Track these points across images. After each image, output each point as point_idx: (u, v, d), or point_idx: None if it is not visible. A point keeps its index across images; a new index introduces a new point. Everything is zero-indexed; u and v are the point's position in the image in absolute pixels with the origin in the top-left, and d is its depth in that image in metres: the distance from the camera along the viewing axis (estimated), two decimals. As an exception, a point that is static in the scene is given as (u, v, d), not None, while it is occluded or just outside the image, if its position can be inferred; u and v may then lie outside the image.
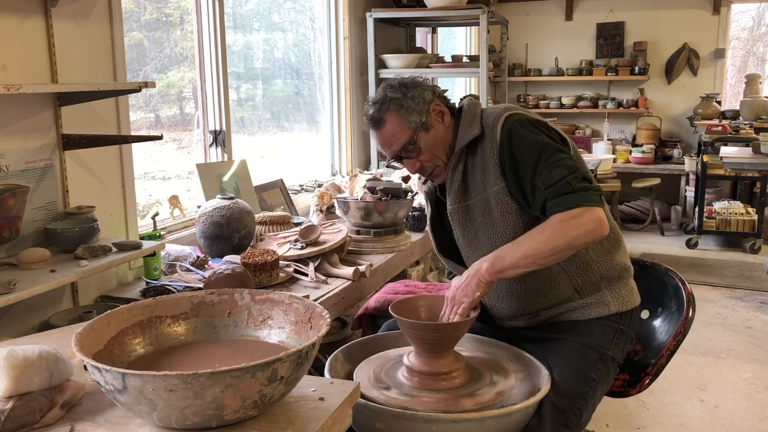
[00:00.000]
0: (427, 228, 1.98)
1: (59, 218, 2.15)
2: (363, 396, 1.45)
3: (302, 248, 2.43)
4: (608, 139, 6.72)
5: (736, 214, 5.51)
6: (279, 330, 1.32)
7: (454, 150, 1.75)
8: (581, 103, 6.80)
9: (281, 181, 3.41)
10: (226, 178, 2.92)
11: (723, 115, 6.33)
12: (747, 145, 5.21)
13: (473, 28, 6.27)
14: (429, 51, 5.31)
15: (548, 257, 1.55)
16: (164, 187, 3.10)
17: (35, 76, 2.07)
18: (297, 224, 2.86)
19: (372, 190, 2.79)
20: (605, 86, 6.89)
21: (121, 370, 1.01)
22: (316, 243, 2.45)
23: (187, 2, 3.01)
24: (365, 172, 3.89)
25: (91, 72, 2.26)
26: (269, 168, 3.68)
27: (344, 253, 2.56)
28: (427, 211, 1.97)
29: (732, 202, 5.69)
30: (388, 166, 1.82)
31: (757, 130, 5.78)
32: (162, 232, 2.61)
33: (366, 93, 4.30)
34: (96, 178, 2.33)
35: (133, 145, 2.45)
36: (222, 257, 2.39)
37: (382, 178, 3.43)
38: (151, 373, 1.00)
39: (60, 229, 2.06)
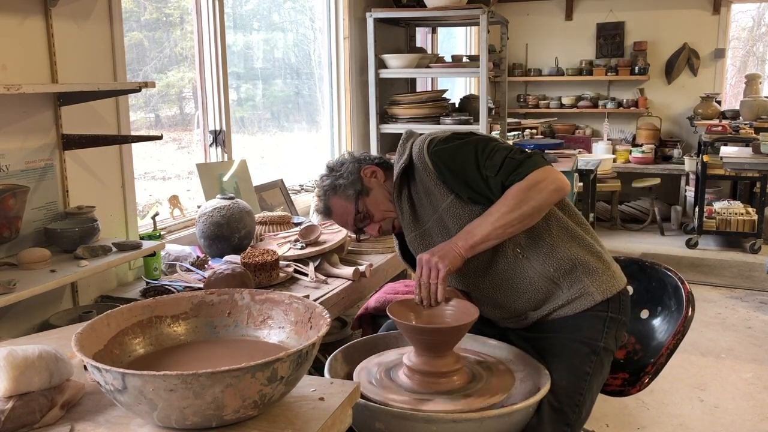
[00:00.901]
0: (399, 258, 2.03)
1: (59, 218, 2.15)
2: (363, 396, 1.45)
3: (302, 248, 2.43)
4: (608, 139, 6.72)
5: (736, 214, 5.51)
6: (279, 330, 1.32)
7: (392, 203, 1.82)
8: (581, 103, 6.80)
9: (281, 181, 3.41)
10: (226, 178, 2.92)
11: (723, 115, 6.33)
12: (747, 145, 5.21)
13: (473, 28, 6.26)
14: (429, 51, 5.30)
15: (517, 224, 1.59)
16: (164, 187, 3.10)
17: (35, 76, 2.07)
18: (297, 224, 2.87)
19: (372, 190, 2.79)
20: (605, 86, 6.89)
21: (121, 370, 1.01)
22: (316, 243, 2.45)
23: (187, 2, 3.01)
24: (365, 172, 3.88)
25: (91, 72, 2.26)
26: (269, 168, 3.68)
27: (344, 253, 2.56)
28: (396, 247, 2.02)
29: (732, 202, 5.69)
30: (358, 241, 2.05)
31: (757, 130, 5.78)
32: (162, 232, 2.61)
33: (366, 93, 4.30)
34: (96, 178, 2.33)
35: (133, 145, 2.45)
36: (222, 257, 2.39)
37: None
38: (151, 373, 1.00)
39: (60, 229, 2.06)
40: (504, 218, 1.58)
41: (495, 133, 5.43)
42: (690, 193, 6.16)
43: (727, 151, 5.17)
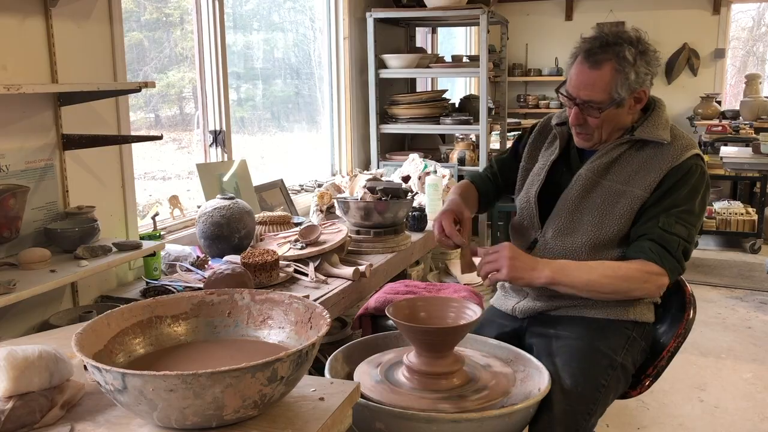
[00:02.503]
0: (537, 170, 1.87)
1: (59, 218, 2.15)
2: (363, 396, 1.45)
3: (302, 248, 2.43)
4: (608, 139, 6.72)
5: (736, 214, 5.51)
6: (279, 330, 1.32)
7: (620, 130, 1.73)
8: (581, 103, 6.80)
9: (281, 181, 3.41)
10: (226, 178, 2.92)
11: (723, 115, 6.33)
12: (747, 145, 5.21)
13: (473, 28, 6.27)
14: (429, 51, 5.30)
15: (604, 294, 1.64)
16: (164, 187, 3.10)
17: (35, 76, 2.07)
18: (297, 224, 2.86)
19: (372, 190, 2.79)
20: (605, 86, 6.88)
21: (121, 370, 1.01)
22: (316, 243, 2.45)
23: (187, 2, 3.00)
24: (365, 172, 3.89)
25: (91, 72, 2.26)
26: (269, 168, 3.68)
27: (344, 253, 2.56)
28: (536, 156, 1.89)
29: (732, 202, 5.69)
30: (557, 90, 1.81)
31: (757, 130, 5.78)
32: (162, 232, 2.61)
33: (366, 93, 4.30)
34: (96, 178, 2.33)
35: (133, 145, 2.45)
36: (222, 257, 2.39)
37: (382, 178, 3.43)
38: (151, 373, 1.00)
39: (60, 229, 2.05)
40: (600, 283, 1.61)
41: (495, 134, 5.43)
42: (690, 193, 6.15)
43: (727, 151, 5.16)
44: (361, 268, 2.36)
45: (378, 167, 4.27)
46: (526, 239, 1.84)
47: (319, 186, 3.64)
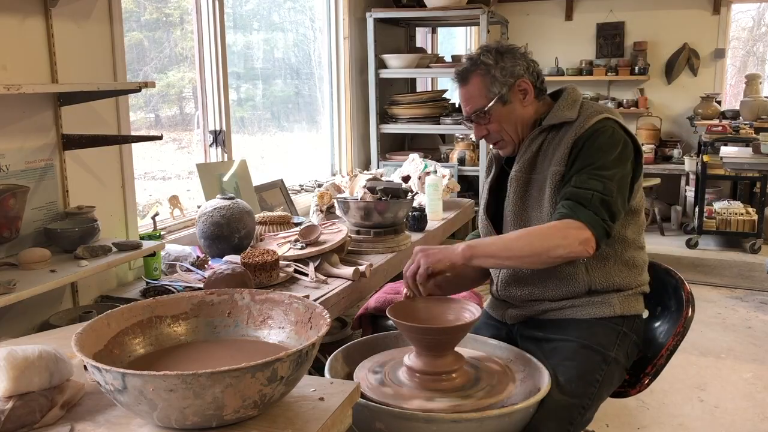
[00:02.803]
0: (482, 190, 1.99)
1: (59, 218, 2.15)
2: (363, 396, 1.45)
3: (302, 248, 2.43)
4: (608, 139, 6.71)
5: (736, 214, 5.51)
6: (279, 330, 1.32)
7: (527, 126, 1.79)
8: (581, 103, 6.80)
9: (281, 181, 3.41)
10: (226, 178, 2.92)
11: (723, 115, 6.33)
12: (747, 145, 5.21)
13: (473, 28, 6.26)
14: (429, 51, 5.30)
15: (527, 257, 1.60)
16: (164, 187, 3.10)
17: (35, 76, 2.07)
18: (297, 224, 2.86)
19: (372, 190, 2.79)
20: (605, 86, 6.89)
21: (121, 370, 1.01)
22: (316, 243, 2.45)
23: (187, 2, 3.01)
24: (365, 172, 3.89)
25: (91, 72, 2.26)
26: (269, 168, 3.68)
27: (344, 253, 2.56)
28: (484, 175, 2.00)
29: (732, 202, 5.69)
30: (460, 122, 1.88)
31: (757, 130, 5.77)
32: (162, 232, 2.61)
33: (366, 93, 4.30)
34: (96, 178, 2.33)
35: (133, 145, 2.45)
36: (222, 257, 2.39)
37: (382, 178, 3.43)
38: (151, 373, 1.00)
39: (60, 229, 2.06)
40: (517, 245, 1.59)
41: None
42: (690, 193, 6.16)
43: (727, 151, 5.16)
44: (361, 268, 2.36)
45: (378, 167, 4.27)
46: None
47: (319, 186, 3.64)
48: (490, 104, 1.75)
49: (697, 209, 5.62)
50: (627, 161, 1.69)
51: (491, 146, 1.91)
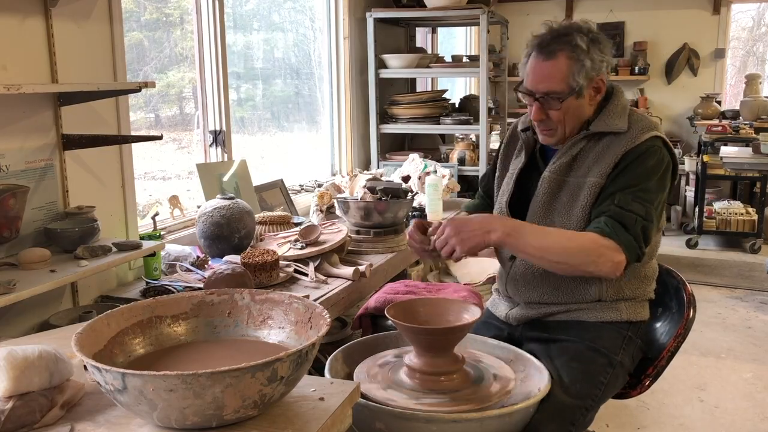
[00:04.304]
0: (503, 177, 1.89)
1: (59, 218, 2.15)
2: (363, 396, 1.45)
3: (302, 248, 2.43)
4: (608, 139, 6.71)
5: (736, 214, 5.51)
6: (279, 330, 1.32)
7: (582, 124, 1.71)
8: (581, 103, 6.80)
9: (281, 181, 3.41)
10: (226, 178, 2.92)
11: (723, 115, 6.33)
12: (747, 145, 5.21)
13: (473, 28, 6.26)
14: (429, 51, 5.30)
15: (556, 263, 1.57)
16: (164, 187, 3.10)
17: (35, 76, 2.07)
18: (297, 224, 2.86)
19: (372, 190, 2.79)
20: (605, 86, 6.88)
21: (121, 370, 1.01)
22: (316, 243, 2.45)
23: (187, 2, 3.01)
24: (365, 172, 3.88)
25: (91, 72, 2.26)
26: (269, 168, 3.68)
27: (344, 253, 2.56)
28: (508, 164, 1.88)
29: (732, 202, 5.69)
30: (515, 89, 1.75)
31: (757, 130, 5.77)
32: (162, 232, 2.61)
33: (366, 93, 4.30)
34: (96, 178, 2.33)
35: (133, 145, 2.45)
36: (222, 257, 2.39)
37: (382, 178, 3.43)
38: (151, 373, 1.00)
39: (60, 229, 2.05)
40: (554, 248, 1.56)
41: (495, 134, 5.43)
42: (690, 193, 6.16)
43: (727, 151, 5.16)
44: (361, 268, 2.36)
45: (378, 167, 4.27)
46: (505, 250, 1.82)
47: (319, 186, 3.64)
48: (568, 94, 1.63)
49: (697, 209, 5.62)
50: (667, 185, 1.67)
51: (521, 127, 1.83)
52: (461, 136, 4.70)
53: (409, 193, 2.88)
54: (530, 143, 1.83)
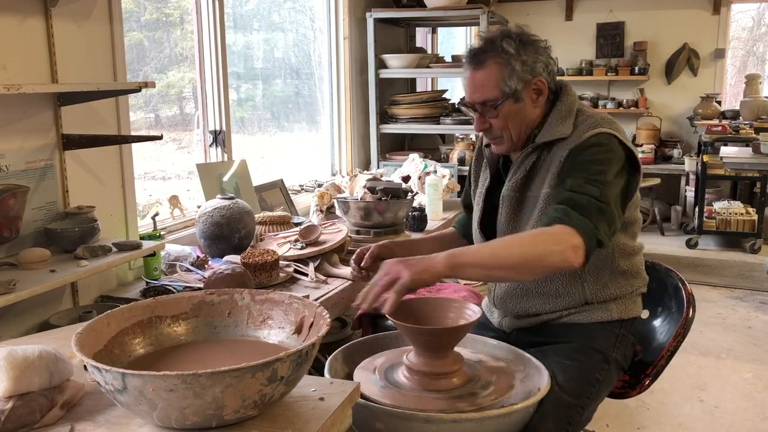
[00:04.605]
0: (475, 194, 1.85)
1: (59, 218, 2.15)
2: (363, 396, 1.45)
3: (302, 248, 2.43)
4: (608, 139, 6.71)
5: (736, 214, 5.51)
6: (279, 330, 1.32)
7: (531, 128, 1.67)
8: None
9: (281, 181, 3.41)
10: (226, 178, 2.92)
11: (723, 115, 6.33)
12: (747, 145, 5.21)
13: (473, 28, 6.26)
14: (429, 51, 5.31)
15: (517, 267, 1.44)
16: (164, 187, 3.10)
17: (35, 76, 2.07)
18: (297, 224, 2.86)
19: (372, 190, 2.79)
20: (605, 86, 6.89)
21: (121, 370, 1.01)
22: (316, 243, 2.45)
23: (187, 2, 3.01)
24: (365, 172, 3.89)
25: (91, 72, 2.26)
26: (269, 168, 3.68)
27: (344, 253, 2.56)
28: (478, 179, 1.85)
29: (732, 202, 5.69)
30: (457, 105, 1.72)
31: (757, 130, 5.78)
32: (162, 232, 2.61)
33: (366, 93, 4.30)
34: (96, 178, 2.33)
35: (133, 145, 2.45)
36: (222, 257, 2.39)
37: (382, 178, 3.43)
38: (151, 373, 1.00)
39: (60, 229, 2.06)
40: (506, 252, 1.45)
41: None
42: (690, 193, 6.16)
43: (727, 151, 5.16)
44: (361, 268, 2.36)
45: (378, 167, 4.27)
46: None
47: (319, 186, 3.64)
48: (503, 99, 1.61)
49: (697, 209, 5.62)
50: (627, 178, 1.59)
51: (485, 142, 1.78)
52: (461, 136, 4.70)
53: (409, 193, 2.88)
54: (493, 159, 1.80)
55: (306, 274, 2.31)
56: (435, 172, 3.57)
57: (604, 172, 1.53)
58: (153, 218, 2.57)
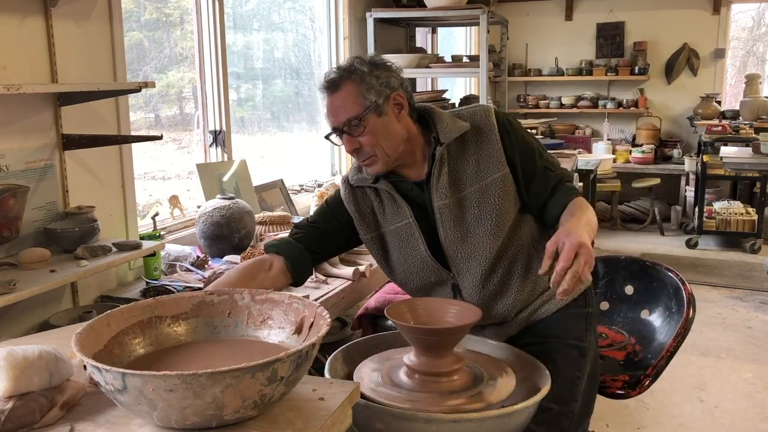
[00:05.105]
0: (384, 231, 1.77)
1: (59, 218, 2.15)
2: (363, 396, 1.44)
3: (302, 248, 2.43)
4: (608, 139, 6.72)
5: (736, 214, 5.52)
6: (279, 330, 1.32)
7: (401, 144, 1.66)
8: (581, 103, 6.80)
9: (281, 181, 3.41)
10: (226, 178, 2.92)
11: (723, 115, 6.33)
12: (747, 145, 5.21)
13: (473, 28, 6.26)
14: (429, 51, 5.30)
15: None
16: (164, 187, 3.10)
17: (35, 76, 2.07)
18: (297, 224, 2.86)
19: (372, 190, 2.79)
20: (605, 86, 6.89)
21: (121, 370, 1.01)
22: (316, 243, 2.45)
23: (187, 2, 3.01)
24: (365, 172, 3.88)
25: (91, 72, 2.26)
26: (269, 168, 3.68)
27: (344, 253, 2.56)
28: (377, 215, 1.77)
29: (732, 202, 5.69)
30: (326, 137, 1.72)
31: (757, 130, 5.78)
32: (162, 232, 2.62)
33: (366, 93, 4.30)
34: (96, 178, 2.33)
35: (133, 145, 2.46)
36: (222, 257, 2.39)
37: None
38: (151, 373, 1.00)
39: (60, 229, 2.06)
40: (593, 224, 1.56)
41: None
42: (690, 193, 6.16)
43: (727, 151, 5.17)
44: (361, 268, 2.36)
45: (378, 167, 4.26)
46: (443, 291, 1.77)
47: (319, 186, 3.64)
48: (366, 112, 1.62)
49: (697, 209, 5.62)
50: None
51: (360, 165, 1.73)
52: (461, 136, 4.69)
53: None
54: (396, 190, 1.73)
55: (306, 274, 2.31)
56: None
57: (536, 139, 1.75)
58: (153, 218, 2.57)
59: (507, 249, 1.71)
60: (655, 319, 1.97)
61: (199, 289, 2.03)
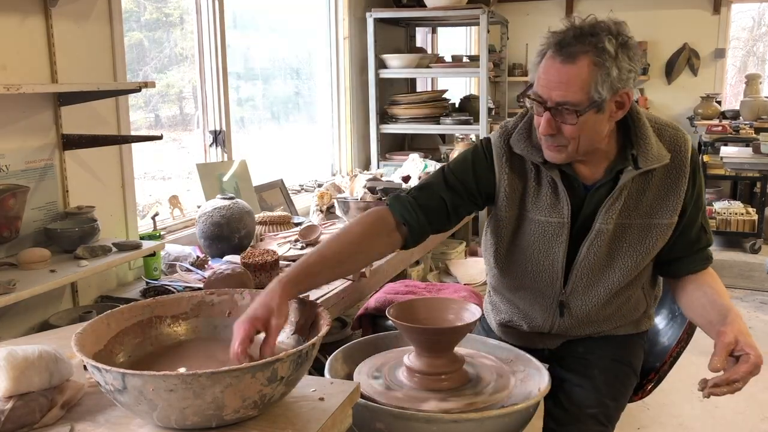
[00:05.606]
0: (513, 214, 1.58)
1: (59, 218, 2.15)
2: (363, 396, 1.45)
3: (302, 248, 2.43)
4: (608, 139, 6.72)
5: (736, 214, 5.51)
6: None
7: (597, 143, 1.46)
8: (581, 103, 6.80)
9: (281, 181, 3.41)
10: (226, 178, 2.92)
11: (723, 115, 6.33)
12: (747, 145, 5.21)
13: (473, 28, 6.26)
14: (429, 51, 5.30)
15: None
16: (164, 187, 3.10)
17: (35, 76, 2.07)
18: (297, 224, 2.86)
19: (372, 190, 2.79)
20: (605, 86, 6.88)
21: (121, 370, 1.01)
22: (316, 243, 2.45)
23: (187, 2, 3.00)
24: (365, 172, 3.89)
25: (91, 72, 2.26)
26: (269, 168, 3.68)
27: (344, 253, 2.56)
28: (527, 199, 1.56)
29: (732, 202, 5.69)
30: (523, 94, 1.52)
31: (757, 130, 5.77)
32: (162, 232, 2.61)
33: (366, 93, 4.30)
34: (96, 178, 2.33)
35: (133, 145, 2.45)
36: (222, 257, 2.39)
37: (382, 178, 3.43)
38: (151, 373, 1.00)
39: (60, 229, 2.05)
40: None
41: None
42: (690, 193, 6.15)
43: (727, 151, 5.16)
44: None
45: (378, 167, 4.27)
46: (544, 301, 1.66)
47: (319, 186, 3.64)
48: (587, 108, 1.37)
49: (697, 209, 5.61)
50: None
51: (543, 145, 1.47)
52: (461, 136, 4.69)
53: (409, 193, 2.87)
54: (558, 178, 1.52)
55: (306, 274, 2.31)
56: (435, 172, 3.56)
57: (703, 194, 1.62)
58: (153, 218, 2.57)
59: (627, 288, 1.65)
60: (659, 321, 1.96)
61: (199, 289, 2.03)
